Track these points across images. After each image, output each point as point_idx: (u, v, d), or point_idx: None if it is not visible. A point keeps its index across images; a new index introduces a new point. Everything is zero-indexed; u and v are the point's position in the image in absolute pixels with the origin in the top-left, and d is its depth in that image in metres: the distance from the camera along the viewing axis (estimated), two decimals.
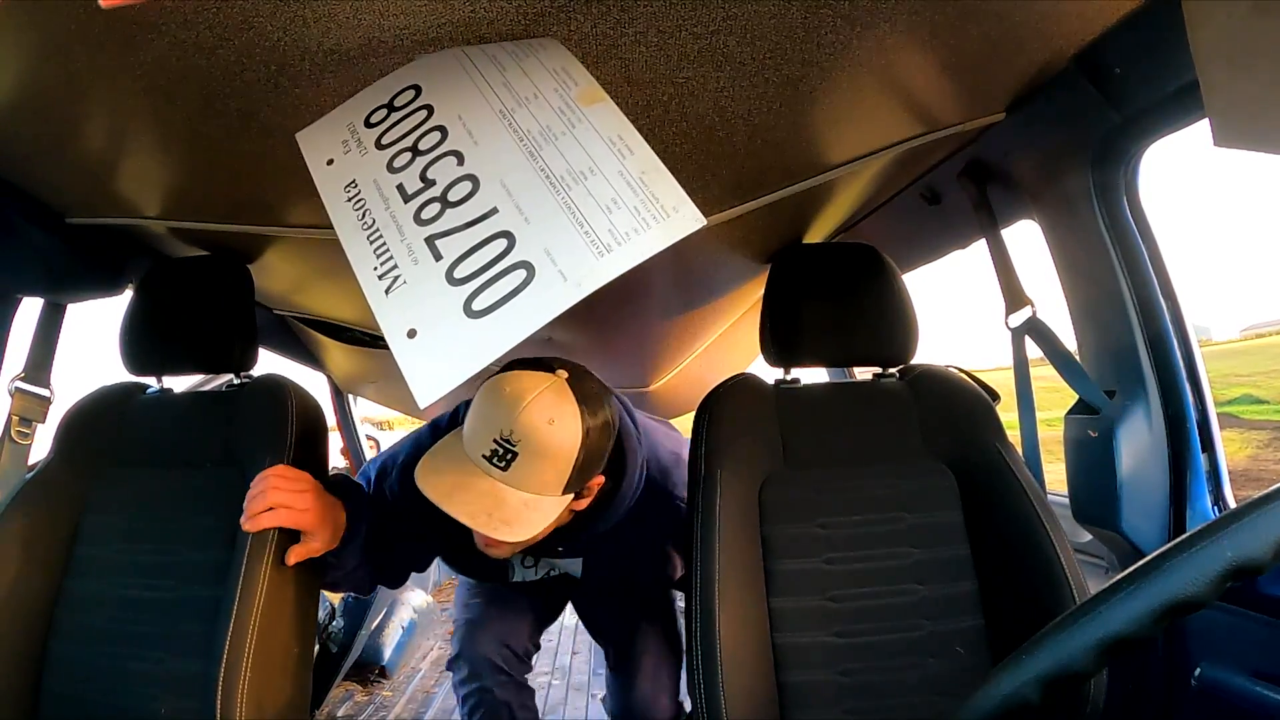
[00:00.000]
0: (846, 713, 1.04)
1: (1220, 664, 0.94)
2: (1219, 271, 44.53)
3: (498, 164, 0.65)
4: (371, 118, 0.72)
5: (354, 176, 0.68)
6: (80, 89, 0.78)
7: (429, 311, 0.60)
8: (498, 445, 0.92)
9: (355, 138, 0.71)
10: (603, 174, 0.62)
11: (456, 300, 0.59)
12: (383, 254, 0.63)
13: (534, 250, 0.60)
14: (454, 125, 0.68)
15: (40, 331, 1.31)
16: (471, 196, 0.64)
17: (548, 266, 0.59)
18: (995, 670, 0.43)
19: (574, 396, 0.95)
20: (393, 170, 0.67)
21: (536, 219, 0.61)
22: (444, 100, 0.69)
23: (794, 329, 1.20)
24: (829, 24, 0.75)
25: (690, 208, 0.60)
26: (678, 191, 0.61)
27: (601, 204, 0.61)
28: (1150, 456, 1.04)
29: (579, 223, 0.60)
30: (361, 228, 0.65)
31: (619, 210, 0.60)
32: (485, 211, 0.62)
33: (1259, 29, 0.59)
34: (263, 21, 0.66)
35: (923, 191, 1.36)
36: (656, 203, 0.60)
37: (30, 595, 1.12)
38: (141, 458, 1.22)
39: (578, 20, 0.70)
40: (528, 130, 0.65)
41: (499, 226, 0.62)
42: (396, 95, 0.72)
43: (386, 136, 0.70)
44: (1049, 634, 0.42)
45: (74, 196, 1.12)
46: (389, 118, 0.71)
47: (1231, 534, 0.40)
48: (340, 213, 0.66)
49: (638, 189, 0.61)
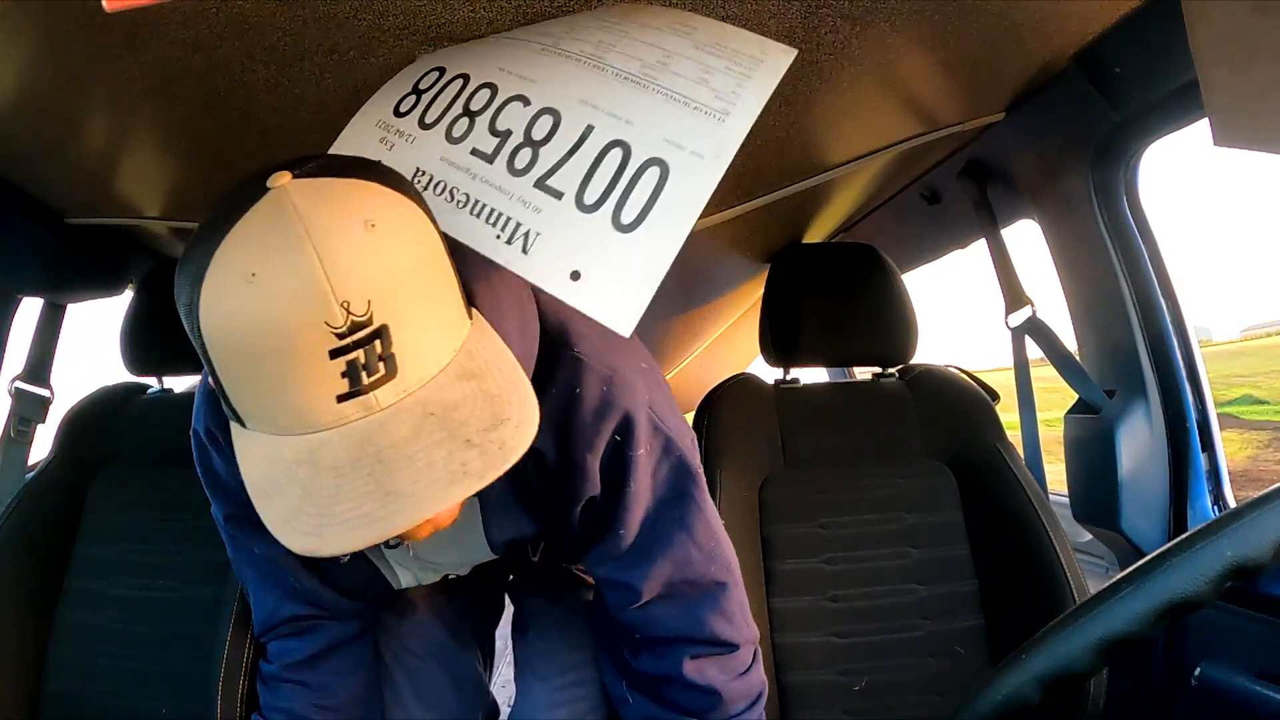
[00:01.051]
0: (846, 713, 1.04)
1: (1220, 664, 0.94)
2: (1219, 271, 43.46)
3: (569, 88, 0.62)
4: (400, 106, 0.68)
5: (415, 165, 0.64)
6: (80, 89, 0.77)
7: (579, 247, 0.56)
8: (347, 347, 0.44)
9: (392, 130, 0.67)
10: (679, 54, 0.60)
11: (602, 224, 0.56)
12: (496, 219, 0.59)
13: (655, 145, 0.58)
14: (500, 77, 0.64)
15: (40, 331, 1.31)
16: (558, 127, 0.61)
17: (677, 153, 0.57)
18: (995, 670, 0.43)
19: (357, 179, 0.48)
20: (456, 140, 0.63)
21: (639, 117, 0.59)
22: (477, 64, 0.67)
23: (793, 329, 1.20)
24: (829, 23, 0.74)
25: (774, 45, 0.60)
26: (756, 38, 0.61)
27: (693, 78, 0.59)
28: (1150, 456, 1.04)
29: (684, 102, 0.58)
30: (456, 207, 0.61)
31: (714, 75, 0.59)
32: (581, 133, 0.60)
33: (1258, 28, 0.59)
34: (262, 21, 0.66)
35: (922, 191, 1.36)
36: (744, 55, 0.60)
37: (30, 595, 1.12)
38: (142, 458, 1.22)
39: (577, 20, 0.70)
40: (580, 52, 0.63)
41: (605, 139, 0.59)
42: (420, 79, 0.69)
43: (429, 115, 0.66)
44: (1048, 634, 0.42)
45: (74, 196, 1.12)
46: (420, 100, 0.67)
47: (1231, 534, 0.40)
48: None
49: (719, 53, 0.60)
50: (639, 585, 0.72)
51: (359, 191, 0.47)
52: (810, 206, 1.37)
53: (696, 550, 0.73)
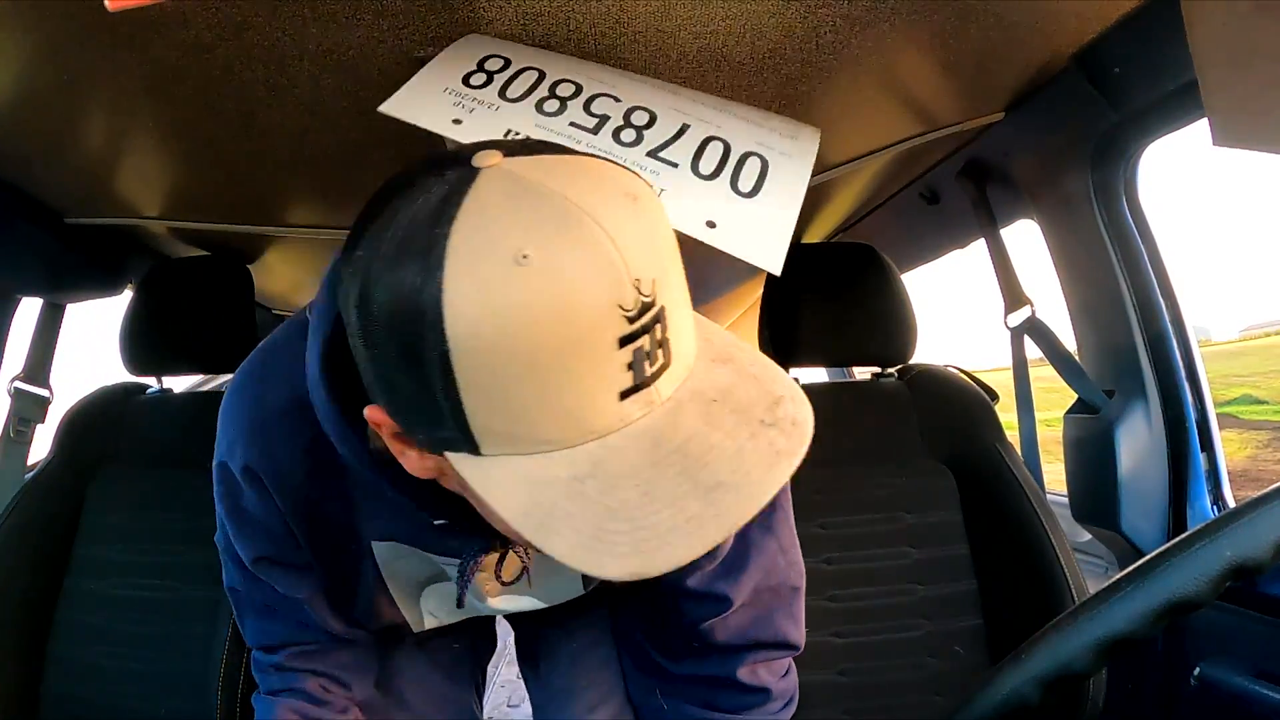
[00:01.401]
0: (846, 713, 1.04)
1: (1220, 664, 0.94)
2: (1219, 271, 44.06)
3: (656, 98, 0.64)
4: (471, 80, 0.65)
5: (507, 128, 0.61)
6: (79, 88, 0.77)
7: (706, 206, 0.57)
8: (636, 333, 0.37)
9: (467, 98, 0.64)
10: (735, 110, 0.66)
11: (721, 188, 0.58)
12: None
13: (749, 144, 0.61)
14: (583, 79, 0.65)
15: (40, 331, 1.31)
16: (655, 121, 0.62)
17: (771, 150, 0.61)
18: (994, 670, 0.43)
19: (568, 154, 0.42)
20: (549, 114, 0.62)
21: (726, 125, 0.63)
22: (549, 64, 0.67)
23: (792, 329, 1.20)
24: (828, 24, 0.74)
25: (804, 128, 0.68)
26: (788, 123, 0.68)
27: (757, 119, 0.66)
28: (1150, 456, 1.04)
29: (759, 122, 0.64)
30: None
31: (770, 119, 0.66)
32: (679, 127, 0.62)
33: (1258, 28, 0.59)
34: (261, 21, 0.66)
35: (922, 191, 1.36)
36: (784, 128, 0.67)
37: (30, 595, 1.12)
38: (141, 458, 1.22)
39: (577, 20, 0.70)
40: (651, 82, 0.67)
41: (703, 134, 0.61)
42: (484, 61, 0.67)
43: (510, 91, 0.64)
44: (1048, 634, 0.42)
45: (73, 196, 1.12)
46: (494, 79, 0.65)
47: (1231, 533, 0.40)
48: None
49: (767, 123, 0.67)
50: (732, 595, 0.68)
51: (595, 164, 0.41)
52: (809, 206, 1.37)
53: (780, 556, 0.70)
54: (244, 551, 0.66)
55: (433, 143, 0.67)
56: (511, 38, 0.72)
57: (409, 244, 0.37)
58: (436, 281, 0.35)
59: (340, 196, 1.10)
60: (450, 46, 0.69)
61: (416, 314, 0.35)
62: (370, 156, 0.94)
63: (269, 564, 0.66)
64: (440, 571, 0.68)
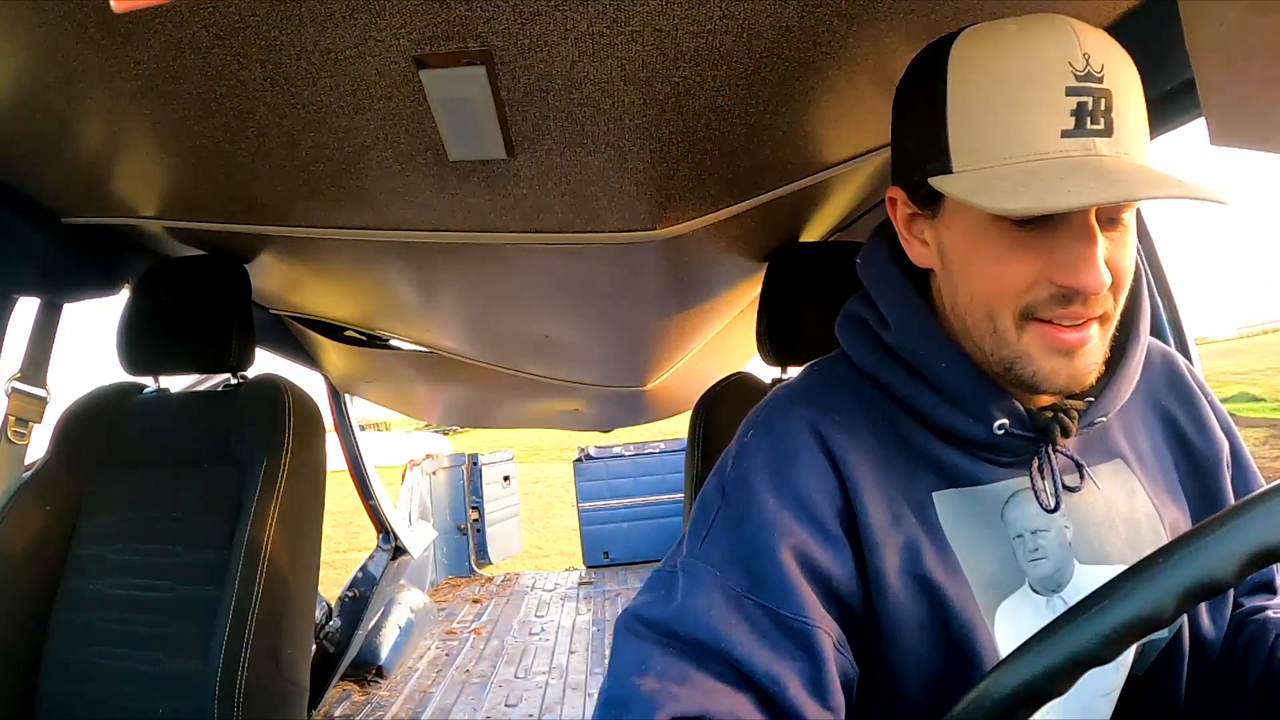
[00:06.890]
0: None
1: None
2: (1217, 270, 43.36)
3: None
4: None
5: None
6: (76, 88, 0.77)
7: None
8: (1081, 90, 0.49)
9: None
10: None
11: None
12: None
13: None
14: None
15: (37, 331, 1.31)
16: None
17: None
18: (998, 666, 0.43)
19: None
20: None
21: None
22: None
23: (790, 328, 1.20)
24: (826, 23, 0.75)
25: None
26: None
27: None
28: None
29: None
30: None
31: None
32: None
33: (1255, 27, 0.60)
34: (259, 20, 0.66)
35: None
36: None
37: (28, 595, 1.12)
38: (138, 458, 1.22)
39: (574, 19, 0.70)
40: None
41: None
42: None
43: None
44: (1050, 630, 0.42)
45: (70, 196, 1.12)
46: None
47: (1198, 549, 0.40)
48: None
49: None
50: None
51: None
52: (807, 206, 1.37)
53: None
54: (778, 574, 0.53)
55: (434, 142, 0.67)
56: (509, 36, 0.72)
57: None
58: (951, 44, 0.55)
59: (338, 196, 1.10)
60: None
61: (931, 64, 0.55)
62: (369, 156, 0.94)
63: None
64: (1019, 572, 0.56)
